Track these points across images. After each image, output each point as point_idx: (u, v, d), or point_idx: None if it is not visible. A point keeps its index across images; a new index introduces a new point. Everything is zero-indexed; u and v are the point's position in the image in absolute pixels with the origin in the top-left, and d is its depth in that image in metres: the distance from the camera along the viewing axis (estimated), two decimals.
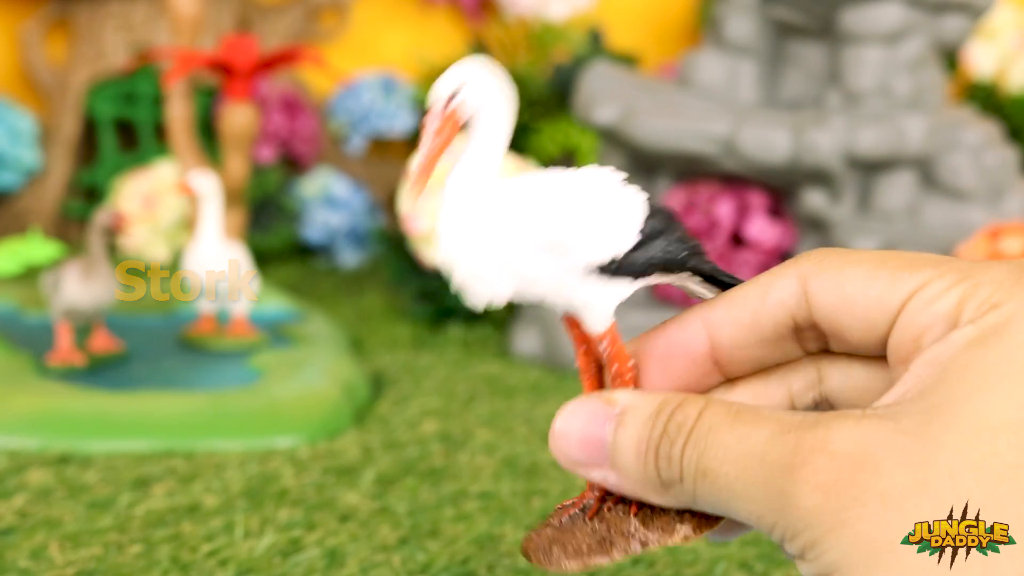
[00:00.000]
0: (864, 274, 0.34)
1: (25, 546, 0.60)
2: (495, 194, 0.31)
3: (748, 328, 0.35)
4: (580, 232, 0.31)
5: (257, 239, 1.28)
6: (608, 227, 0.31)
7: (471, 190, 0.31)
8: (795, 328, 0.35)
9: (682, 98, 0.99)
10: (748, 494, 0.31)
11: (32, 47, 1.38)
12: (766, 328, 0.35)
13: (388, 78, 1.47)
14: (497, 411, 0.85)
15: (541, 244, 0.31)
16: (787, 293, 0.35)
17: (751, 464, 0.31)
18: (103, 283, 0.84)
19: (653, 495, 0.33)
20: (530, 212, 0.31)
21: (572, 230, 0.31)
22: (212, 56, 0.95)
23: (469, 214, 0.31)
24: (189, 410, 0.76)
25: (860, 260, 0.35)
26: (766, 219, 0.97)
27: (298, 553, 0.60)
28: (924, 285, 0.33)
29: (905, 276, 0.34)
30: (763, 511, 0.31)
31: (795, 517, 0.30)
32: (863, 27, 0.93)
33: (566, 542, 0.33)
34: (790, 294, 0.35)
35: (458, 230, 0.31)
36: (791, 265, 0.36)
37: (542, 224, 0.31)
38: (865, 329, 0.35)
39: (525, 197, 0.31)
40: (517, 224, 0.31)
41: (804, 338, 0.36)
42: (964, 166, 0.93)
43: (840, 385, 0.38)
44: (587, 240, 0.31)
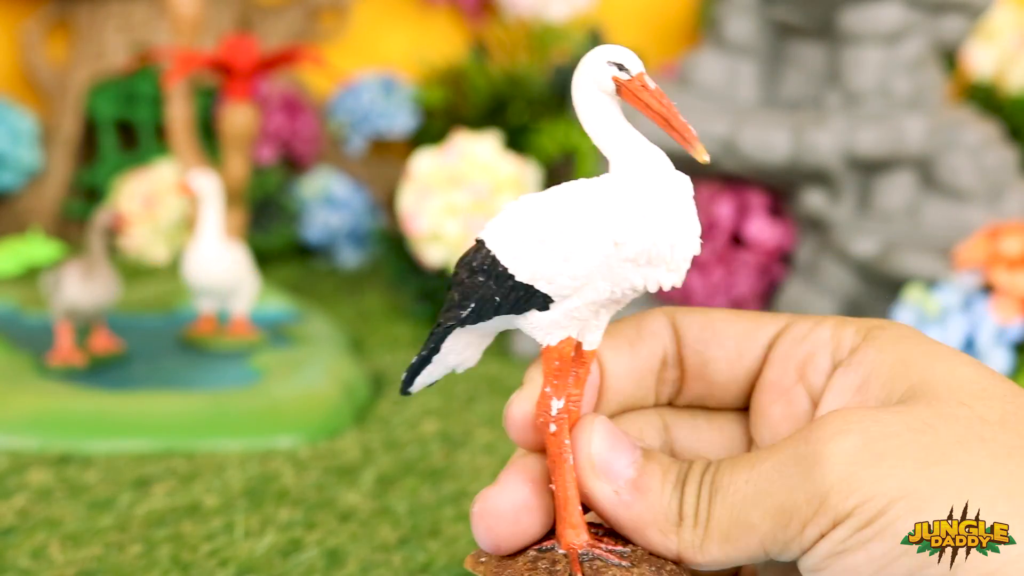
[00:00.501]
0: (728, 315, 0.36)
1: (26, 546, 0.60)
2: (677, 187, 0.31)
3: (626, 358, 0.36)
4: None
5: (257, 239, 1.29)
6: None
7: (661, 178, 0.31)
8: (662, 363, 0.36)
9: (682, 98, 0.99)
10: (762, 490, 0.31)
11: (32, 47, 1.38)
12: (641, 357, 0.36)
13: (388, 78, 1.48)
14: (497, 411, 0.85)
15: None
16: (659, 325, 0.36)
17: (762, 461, 0.32)
18: (103, 283, 0.84)
19: (656, 527, 0.33)
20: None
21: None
22: (212, 56, 0.95)
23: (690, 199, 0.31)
24: (189, 410, 0.77)
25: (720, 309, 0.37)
26: (766, 219, 0.97)
27: (298, 553, 0.60)
28: (789, 326, 0.36)
29: (767, 319, 0.36)
30: (780, 496, 0.31)
31: (823, 474, 0.30)
32: (863, 27, 0.93)
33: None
34: (662, 325, 0.36)
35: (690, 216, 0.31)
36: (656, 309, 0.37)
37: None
38: (732, 361, 0.36)
39: (687, 192, 0.31)
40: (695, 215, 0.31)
41: (663, 381, 0.37)
42: (964, 166, 0.93)
43: (686, 436, 0.38)
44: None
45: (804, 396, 0.35)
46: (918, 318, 0.83)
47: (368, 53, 1.53)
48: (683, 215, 0.30)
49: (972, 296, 0.82)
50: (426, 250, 1.02)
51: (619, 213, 0.30)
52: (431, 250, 1.01)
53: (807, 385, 0.35)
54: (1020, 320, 0.80)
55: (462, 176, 0.99)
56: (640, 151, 0.31)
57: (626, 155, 0.31)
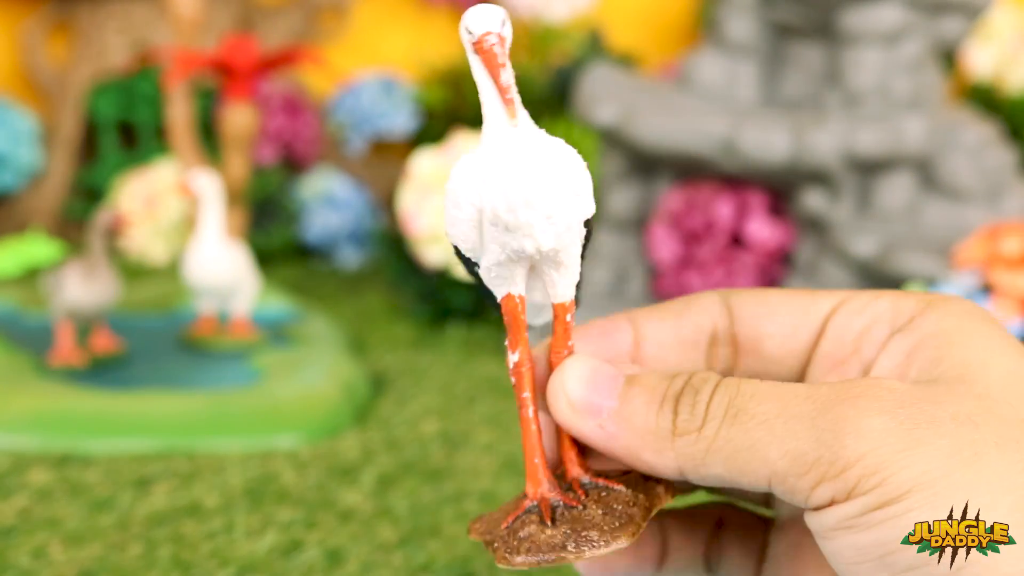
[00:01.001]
0: (782, 293, 0.37)
1: (26, 546, 0.60)
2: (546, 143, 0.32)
3: (670, 327, 0.37)
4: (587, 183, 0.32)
5: (257, 239, 1.29)
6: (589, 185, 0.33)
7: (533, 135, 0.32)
8: (712, 339, 0.37)
9: (682, 98, 0.99)
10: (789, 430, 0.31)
11: (33, 47, 1.38)
12: (686, 330, 0.37)
13: (388, 78, 1.48)
14: (497, 411, 0.85)
15: (575, 187, 0.32)
16: (711, 303, 0.37)
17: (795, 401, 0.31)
18: (104, 283, 0.84)
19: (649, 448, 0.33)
20: (568, 157, 0.32)
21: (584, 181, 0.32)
22: (212, 57, 0.95)
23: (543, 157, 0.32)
24: (190, 410, 0.77)
25: (776, 289, 0.37)
26: (766, 219, 0.97)
27: (298, 553, 0.60)
28: (846, 300, 0.36)
29: (823, 295, 0.36)
30: (804, 445, 0.30)
31: (854, 443, 0.30)
32: (862, 28, 0.93)
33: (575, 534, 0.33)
34: (713, 303, 0.37)
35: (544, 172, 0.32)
36: (707, 291, 0.38)
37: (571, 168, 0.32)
38: (787, 336, 0.36)
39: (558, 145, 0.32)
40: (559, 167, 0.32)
41: (714, 356, 0.37)
42: (963, 166, 0.93)
43: None
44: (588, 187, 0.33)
45: (858, 367, 0.35)
46: None
47: (368, 53, 1.53)
48: (515, 194, 0.31)
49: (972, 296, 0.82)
50: (426, 250, 1.02)
51: (469, 180, 0.32)
52: (431, 250, 1.01)
53: (861, 357, 0.35)
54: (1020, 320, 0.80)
55: None
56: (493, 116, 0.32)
57: (486, 119, 0.32)
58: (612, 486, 0.34)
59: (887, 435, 0.30)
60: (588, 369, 0.34)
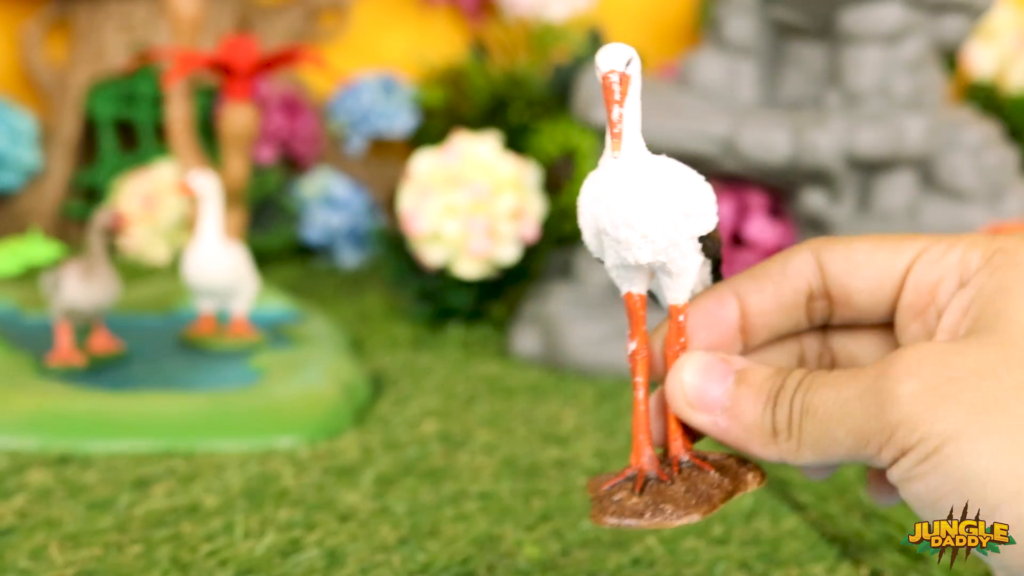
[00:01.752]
0: (870, 246, 0.41)
1: (25, 546, 0.60)
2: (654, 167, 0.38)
3: (771, 295, 0.42)
4: (705, 199, 0.39)
5: (257, 239, 1.28)
6: (711, 201, 0.39)
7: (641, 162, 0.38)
8: (809, 296, 0.42)
9: (681, 98, 0.99)
10: (847, 412, 0.36)
11: (32, 47, 1.38)
12: (786, 295, 0.42)
13: (388, 78, 1.47)
14: (497, 411, 0.85)
15: (687, 209, 0.38)
16: (803, 263, 0.42)
17: (847, 385, 0.37)
18: (103, 283, 0.84)
19: (756, 441, 0.39)
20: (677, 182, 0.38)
21: (702, 196, 0.39)
22: (212, 56, 0.95)
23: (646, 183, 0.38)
24: (189, 410, 0.76)
25: (864, 238, 0.42)
26: (766, 219, 0.97)
27: (298, 553, 0.60)
28: (924, 250, 0.40)
29: (906, 244, 0.41)
30: (860, 421, 0.36)
31: (893, 410, 0.35)
32: (863, 27, 0.93)
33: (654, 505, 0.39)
34: (806, 263, 0.42)
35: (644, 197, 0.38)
36: (804, 244, 0.42)
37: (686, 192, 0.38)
38: (873, 290, 0.41)
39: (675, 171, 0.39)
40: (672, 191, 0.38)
41: (813, 309, 0.42)
42: (964, 166, 0.93)
43: (845, 350, 0.43)
44: (707, 208, 0.39)
45: (935, 316, 0.39)
46: None
47: (368, 53, 1.53)
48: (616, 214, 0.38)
49: None
50: (426, 250, 1.02)
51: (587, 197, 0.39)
52: (431, 250, 1.01)
53: (937, 306, 0.39)
54: None
55: (462, 176, 0.99)
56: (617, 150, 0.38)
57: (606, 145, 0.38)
58: (704, 468, 0.40)
59: (916, 398, 0.35)
60: (702, 366, 0.40)
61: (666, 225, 0.38)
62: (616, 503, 0.40)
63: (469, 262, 1.01)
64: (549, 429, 0.81)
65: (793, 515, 0.67)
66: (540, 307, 1.01)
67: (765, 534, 0.64)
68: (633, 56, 0.38)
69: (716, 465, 0.41)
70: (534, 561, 0.60)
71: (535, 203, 1.02)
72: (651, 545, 0.62)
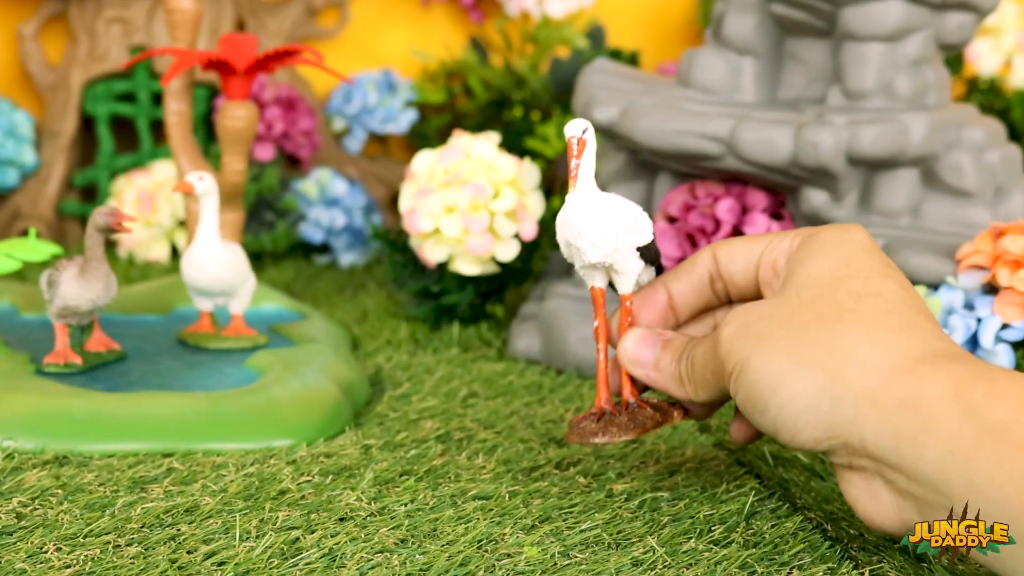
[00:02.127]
0: (743, 242, 0.62)
1: (22, 548, 0.60)
2: (603, 200, 0.61)
3: (686, 283, 0.64)
4: (641, 223, 0.62)
5: (256, 238, 1.28)
6: (645, 227, 0.62)
7: (592, 196, 0.61)
8: (711, 280, 0.63)
9: (682, 97, 0.98)
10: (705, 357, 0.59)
11: (30, 45, 1.37)
12: (695, 281, 0.63)
13: (388, 76, 1.47)
14: (497, 411, 0.84)
15: (625, 227, 0.61)
16: (705, 257, 0.63)
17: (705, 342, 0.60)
18: (101, 283, 0.83)
19: (672, 386, 0.62)
20: (619, 210, 0.61)
21: (638, 220, 0.62)
22: (211, 54, 0.95)
23: (594, 209, 0.61)
24: (187, 411, 0.76)
25: (743, 237, 0.62)
26: (767, 218, 0.97)
27: (297, 555, 0.60)
28: (772, 241, 0.61)
29: (764, 239, 0.61)
30: (712, 362, 0.59)
31: (720, 349, 0.58)
32: (865, 25, 0.93)
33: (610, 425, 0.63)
34: (708, 257, 0.63)
35: (591, 218, 0.60)
36: (706, 247, 0.63)
37: (625, 216, 0.61)
38: (745, 272, 0.62)
39: (615, 202, 0.62)
40: (615, 215, 0.61)
41: (716, 290, 0.64)
42: (967, 165, 0.93)
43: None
44: (642, 228, 0.62)
45: (777, 285, 0.60)
46: None
47: (367, 51, 1.52)
48: (572, 229, 0.61)
49: (975, 296, 0.82)
50: (426, 249, 1.01)
51: (559, 220, 0.62)
52: (431, 249, 1.01)
53: (778, 278, 0.60)
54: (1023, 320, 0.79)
55: (462, 175, 0.98)
56: (573, 188, 0.61)
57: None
58: (643, 407, 0.63)
59: (730, 338, 0.57)
60: (638, 337, 0.63)
61: (609, 236, 0.60)
62: (580, 429, 0.63)
63: (469, 261, 1.00)
64: (549, 429, 0.81)
65: (795, 516, 0.67)
66: (540, 307, 1.01)
67: (766, 535, 0.64)
68: (588, 127, 0.60)
69: (652, 405, 0.63)
70: (534, 562, 0.60)
71: (535, 202, 1.01)
72: (652, 545, 0.62)
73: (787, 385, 0.54)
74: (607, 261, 0.61)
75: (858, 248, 0.58)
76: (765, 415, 0.56)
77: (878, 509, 0.56)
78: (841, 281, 0.56)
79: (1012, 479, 0.48)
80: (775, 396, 0.55)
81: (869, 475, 0.55)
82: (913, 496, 0.53)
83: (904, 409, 0.52)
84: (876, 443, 0.53)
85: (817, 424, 0.54)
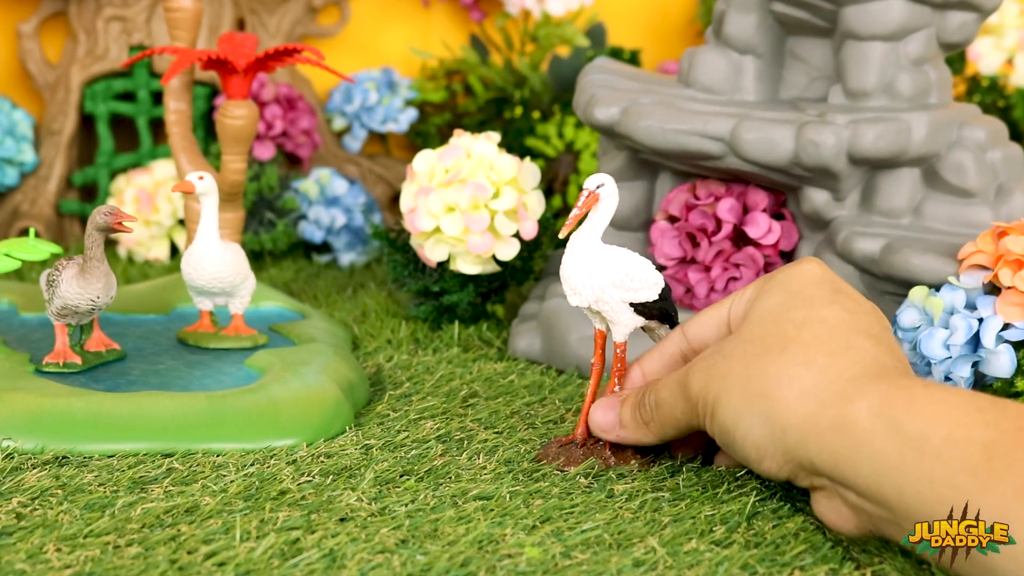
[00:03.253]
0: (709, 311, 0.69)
1: (22, 548, 0.60)
2: (599, 251, 0.68)
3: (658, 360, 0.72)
4: (638, 281, 0.69)
5: (255, 238, 1.28)
6: (644, 286, 0.69)
7: (587, 245, 0.68)
8: (683, 356, 0.71)
9: (683, 96, 0.98)
10: (674, 397, 0.65)
11: (29, 44, 1.37)
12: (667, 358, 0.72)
13: (388, 75, 1.47)
14: (497, 411, 0.84)
15: (615, 281, 0.68)
16: (675, 337, 0.71)
17: (672, 381, 0.66)
18: (100, 283, 0.83)
19: (638, 434, 0.69)
20: (614, 264, 0.69)
21: (635, 279, 0.69)
22: (210, 53, 0.95)
23: (584, 258, 0.68)
24: (187, 411, 0.76)
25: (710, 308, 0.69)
26: (768, 218, 0.96)
27: (297, 555, 0.60)
28: (736, 296, 0.67)
29: (729, 299, 0.68)
30: (680, 401, 0.65)
31: (692, 385, 0.64)
32: (867, 24, 0.93)
33: (567, 455, 0.72)
34: (678, 337, 0.71)
35: (578, 266, 0.69)
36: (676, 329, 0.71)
37: (618, 272, 0.68)
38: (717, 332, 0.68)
39: (613, 256, 0.69)
40: (606, 268, 0.68)
41: (688, 359, 0.70)
42: (968, 164, 0.93)
43: None
44: (639, 287, 0.69)
45: None
46: (922, 318, 0.82)
47: (367, 50, 1.52)
48: (561, 273, 0.70)
49: (977, 296, 0.81)
50: (426, 248, 1.01)
51: (561, 263, 0.70)
52: (431, 248, 1.01)
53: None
54: None
55: (462, 174, 0.98)
56: (564, 233, 0.68)
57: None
58: (604, 446, 0.72)
59: (697, 374, 0.64)
60: (601, 405, 0.71)
61: (593, 286, 0.68)
62: (550, 453, 0.73)
63: (469, 260, 1.00)
64: (550, 429, 0.80)
65: (796, 517, 0.66)
66: (541, 307, 1.00)
67: (768, 536, 0.64)
68: (606, 183, 0.68)
69: (610, 446, 0.72)
70: (535, 563, 0.60)
71: (535, 201, 1.01)
72: (653, 546, 0.62)
73: (744, 419, 0.60)
74: (594, 308, 0.69)
75: (809, 280, 0.62)
76: (734, 449, 0.62)
77: (843, 523, 0.60)
78: (787, 312, 0.61)
79: (932, 488, 0.52)
80: (737, 430, 0.60)
81: (829, 493, 0.59)
82: (863, 510, 0.57)
83: (837, 431, 0.56)
84: (822, 465, 0.57)
85: (774, 453, 0.59)
